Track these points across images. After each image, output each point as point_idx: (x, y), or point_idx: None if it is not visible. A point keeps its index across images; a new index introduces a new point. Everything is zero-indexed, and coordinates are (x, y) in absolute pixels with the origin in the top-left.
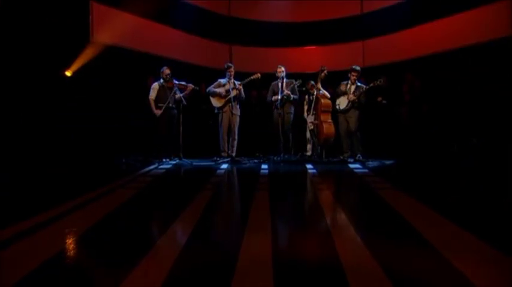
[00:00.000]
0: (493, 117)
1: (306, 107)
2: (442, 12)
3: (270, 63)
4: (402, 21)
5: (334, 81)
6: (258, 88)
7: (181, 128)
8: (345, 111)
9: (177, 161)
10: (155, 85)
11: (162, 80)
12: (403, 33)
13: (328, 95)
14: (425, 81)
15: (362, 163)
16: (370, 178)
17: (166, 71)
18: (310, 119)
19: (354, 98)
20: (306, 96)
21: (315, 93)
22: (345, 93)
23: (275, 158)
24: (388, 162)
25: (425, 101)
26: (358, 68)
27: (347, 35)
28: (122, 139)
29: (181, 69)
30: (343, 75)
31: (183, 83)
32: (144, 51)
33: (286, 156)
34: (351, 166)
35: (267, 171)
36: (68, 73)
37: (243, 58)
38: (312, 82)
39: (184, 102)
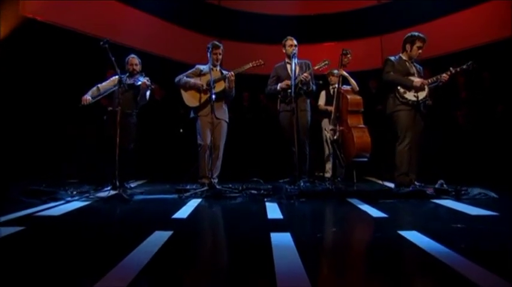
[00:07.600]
0: None
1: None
2: None
3: (269, 63)
4: (429, 11)
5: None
6: (251, 89)
7: (118, 139)
8: (423, 104)
9: (112, 193)
10: (115, 78)
11: (127, 74)
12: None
13: (357, 87)
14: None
15: (456, 195)
16: None
17: (134, 60)
18: (328, 124)
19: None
20: (323, 92)
21: (337, 86)
22: (408, 74)
23: (288, 189)
24: (491, 194)
25: (497, 99)
26: (424, 36)
27: (362, 30)
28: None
29: (155, 65)
30: (355, 76)
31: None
32: (104, 37)
33: (306, 183)
34: (445, 204)
35: (289, 236)
36: None
37: (235, 56)
38: (335, 71)
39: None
